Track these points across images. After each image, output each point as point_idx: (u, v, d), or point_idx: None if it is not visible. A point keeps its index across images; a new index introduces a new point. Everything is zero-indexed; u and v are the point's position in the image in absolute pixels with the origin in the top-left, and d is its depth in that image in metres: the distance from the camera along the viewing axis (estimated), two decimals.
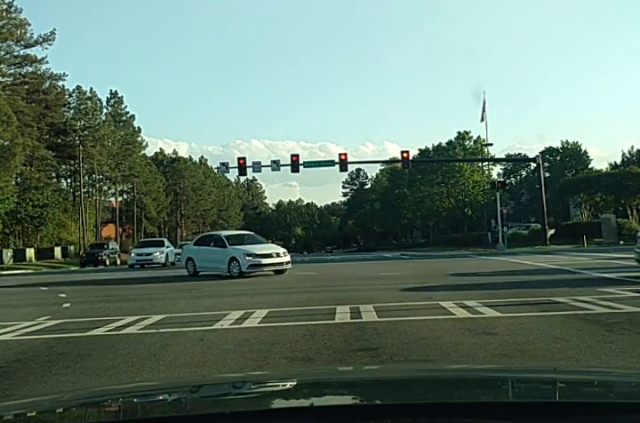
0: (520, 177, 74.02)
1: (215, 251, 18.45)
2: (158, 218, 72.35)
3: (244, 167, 35.12)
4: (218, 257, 18.19)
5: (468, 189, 61.47)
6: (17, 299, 13.66)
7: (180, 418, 1.45)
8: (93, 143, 56.09)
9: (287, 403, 1.62)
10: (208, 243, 19.17)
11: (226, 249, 18.04)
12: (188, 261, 19.60)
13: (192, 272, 19.32)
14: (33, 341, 7.44)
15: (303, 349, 6.20)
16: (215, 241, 18.99)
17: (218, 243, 18.64)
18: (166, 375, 5.31)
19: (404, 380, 1.91)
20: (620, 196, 42.66)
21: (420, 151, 66.74)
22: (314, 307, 9.75)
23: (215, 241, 18.99)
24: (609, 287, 10.92)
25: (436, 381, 1.88)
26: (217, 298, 12.04)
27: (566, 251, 26.25)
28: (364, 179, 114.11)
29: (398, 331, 7.08)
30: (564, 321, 7.41)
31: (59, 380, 5.23)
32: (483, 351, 5.82)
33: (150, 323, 8.49)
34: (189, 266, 19.57)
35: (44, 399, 1.97)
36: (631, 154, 65.81)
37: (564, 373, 2.00)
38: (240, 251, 17.69)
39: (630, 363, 5.19)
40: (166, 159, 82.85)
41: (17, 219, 45.99)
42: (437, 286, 12.70)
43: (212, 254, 18.51)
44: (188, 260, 19.61)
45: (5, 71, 47.47)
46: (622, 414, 1.30)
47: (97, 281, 19.55)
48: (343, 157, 35.61)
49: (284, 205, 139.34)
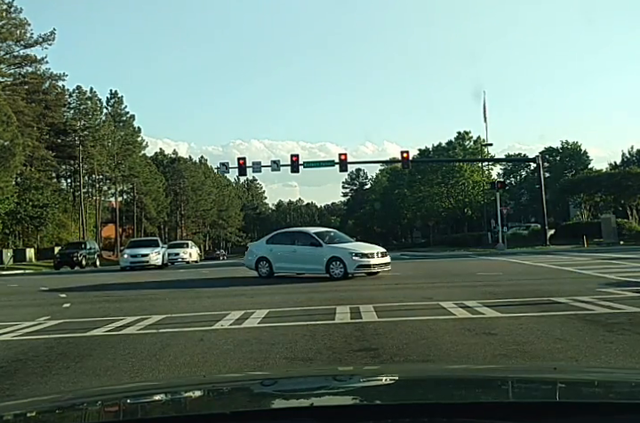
0: (520, 177, 74.02)
1: (304, 249, 16.48)
2: (158, 218, 72.37)
3: (243, 167, 35.10)
4: (310, 257, 16.25)
5: (467, 189, 61.46)
6: (17, 300, 13.66)
7: (180, 418, 1.45)
8: (93, 143, 56.11)
9: (287, 402, 1.62)
10: (290, 241, 17.17)
11: (321, 248, 16.15)
12: (260, 261, 17.32)
13: (266, 273, 17.14)
14: (33, 341, 7.44)
15: (303, 349, 6.20)
16: (300, 238, 17.06)
17: (306, 241, 16.72)
18: (166, 375, 5.31)
19: (403, 380, 1.91)
20: (619, 197, 42.64)
21: (420, 151, 66.74)
22: (314, 307, 9.75)
23: (300, 238, 17.06)
24: (609, 287, 10.92)
25: (436, 381, 1.88)
26: (217, 298, 12.04)
27: (566, 252, 26.25)
28: (363, 179, 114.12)
29: (398, 331, 7.08)
30: (564, 321, 7.41)
31: (59, 380, 5.23)
32: (483, 351, 5.82)
33: (150, 324, 8.49)
34: (262, 266, 17.27)
35: (45, 399, 1.97)
36: (631, 154, 65.78)
37: (564, 373, 2.00)
38: (344, 251, 15.92)
39: (630, 363, 5.19)
40: (166, 159, 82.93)
41: (17, 220, 45.95)
42: (437, 286, 12.70)
43: (299, 254, 16.54)
44: (261, 261, 17.32)
45: (5, 71, 47.48)
46: (622, 414, 1.30)
47: (97, 281, 19.53)
48: (343, 157, 35.58)
49: (284, 205, 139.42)
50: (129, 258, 26.70)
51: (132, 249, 27.48)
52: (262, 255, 17.42)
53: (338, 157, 35.90)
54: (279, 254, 16.98)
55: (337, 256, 15.87)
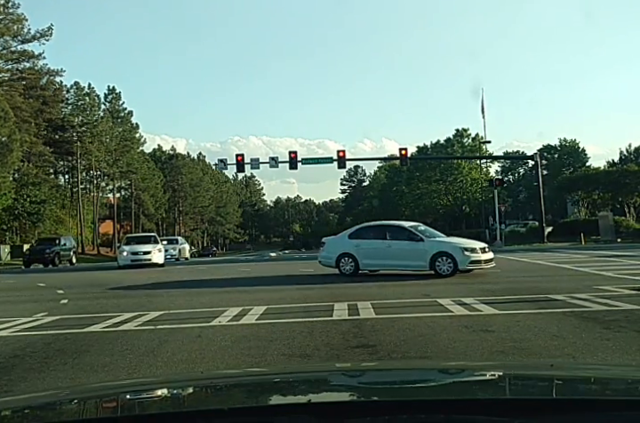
0: (518, 174, 74.14)
1: (401, 244, 15.11)
2: (156, 214, 72.31)
3: (242, 164, 35.05)
4: (409, 252, 14.92)
5: (465, 187, 61.48)
6: (14, 296, 13.64)
7: (177, 414, 1.45)
8: (91, 139, 55.99)
9: (285, 399, 1.63)
10: (380, 236, 15.58)
11: (422, 242, 14.86)
12: (343, 258, 15.70)
13: (350, 270, 15.55)
14: (31, 337, 7.44)
15: (301, 346, 6.20)
16: (394, 233, 15.57)
17: (402, 235, 15.36)
18: (164, 371, 5.31)
19: (401, 377, 1.91)
20: (617, 194, 42.71)
21: (419, 148, 66.79)
22: (312, 303, 9.75)
23: (394, 233, 15.57)
24: (606, 285, 10.95)
25: (434, 378, 1.88)
26: (215, 294, 12.03)
27: (564, 249, 26.29)
28: (362, 176, 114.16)
29: (396, 327, 7.09)
30: (561, 318, 7.42)
31: (56, 376, 5.23)
32: (480, 348, 5.83)
33: (148, 320, 8.49)
34: (345, 263, 15.65)
35: (42, 395, 1.97)
36: (629, 152, 65.83)
37: (560, 370, 2.00)
38: (452, 245, 14.78)
39: (627, 360, 5.20)
40: (164, 155, 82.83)
41: (14, 215, 45.88)
42: (435, 283, 12.72)
43: (395, 249, 15.13)
44: (343, 257, 15.70)
45: (2, 67, 47.31)
46: (619, 411, 1.31)
47: (94, 277, 19.52)
48: (341, 154, 35.56)
49: (282, 202, 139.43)
50: (129, 255, 24.51)
51: (131, 246, 25.34)
52: (345, 251, 15.79)
53: (336, 154, 35.88)
54: (368, 250, 15.48)
55: (445, 251, 14.63)
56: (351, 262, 15.67)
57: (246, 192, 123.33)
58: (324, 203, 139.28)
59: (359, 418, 1.29)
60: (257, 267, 23.25)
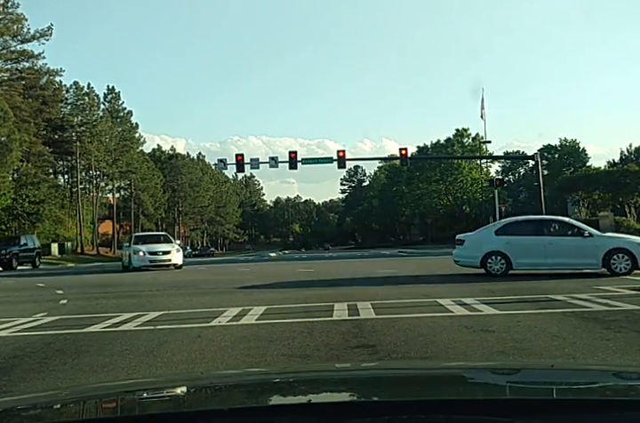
0: (518, 174, 74.19)
1: (566, 241, 13.77)
2: (156, 214, 72.34)
3: (241, 164, 35.02)
4: (576, 249, 13.57)
5: (466, 187, 61.57)
6: (14, 296, 13.64)
7: (177, 414, 1.44)
8: (90, 139, 55.99)
9: (285, 399, 1.62)
10: (535, 232, 14.15)
11: (592, 238, 13.68)
12: (490, 256, 14.12)
13: (501, 270, 14.00)
14: (30, 338, 7.43)
15: (301, 346, 6.20)
16: (554, 228, 14.34)
17: (563, 230, 14.17)
18: (163, 372, 5.31)
19: (401, 377, 1.91)
20: (618, 194, 42.72)
21: (419, 148, 66.88)
22: (311, 304, 9.75)
23: (554, 228, 14.34)
24: (606, 285, 10.95)
25: (434, 378, 1.88)
26: (214, 295, 12.03)
27: None
28: (362, 176, 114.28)
29: (396, 328, 7.08)
30: (561, 318, 7.42)
31: (56, 377, 5.22)
32: (480, 348, 5.83)
33: (148, 320, 8.48)
34: (495, 262, 14.07)
35: (42, 395, 1.97)
36: (629, 152, 65.88)
37: (561, 370, 2.00)
38: (630, 241, 13.64)
39: (627, 360, 5.20)
40: (164, 155, 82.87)
41: (13, 216, 45.86)
42: (435, 283, 12.72)
43: (558, 246, 13.69)
44: (490, 255, 14.12)
45: (2, 66, 47.31)
46: (619, 411, 1.30)
47: (94, 277, 19.52)
48: (341, 154, 35.53)
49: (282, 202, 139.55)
50: (146, 255, 21.89)
51: (148, 245, 22.70)
52: (493, 249, 14.20)
53: (336, 154, 35.83)
54: (523, 247, 13.92)
55: (622, 248, 13.34)
56: (501, 261, 14.10)
57: (246, 192, 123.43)
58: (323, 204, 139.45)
59: (359, 418, 1.29)
60: (256, 268, 23.25)
